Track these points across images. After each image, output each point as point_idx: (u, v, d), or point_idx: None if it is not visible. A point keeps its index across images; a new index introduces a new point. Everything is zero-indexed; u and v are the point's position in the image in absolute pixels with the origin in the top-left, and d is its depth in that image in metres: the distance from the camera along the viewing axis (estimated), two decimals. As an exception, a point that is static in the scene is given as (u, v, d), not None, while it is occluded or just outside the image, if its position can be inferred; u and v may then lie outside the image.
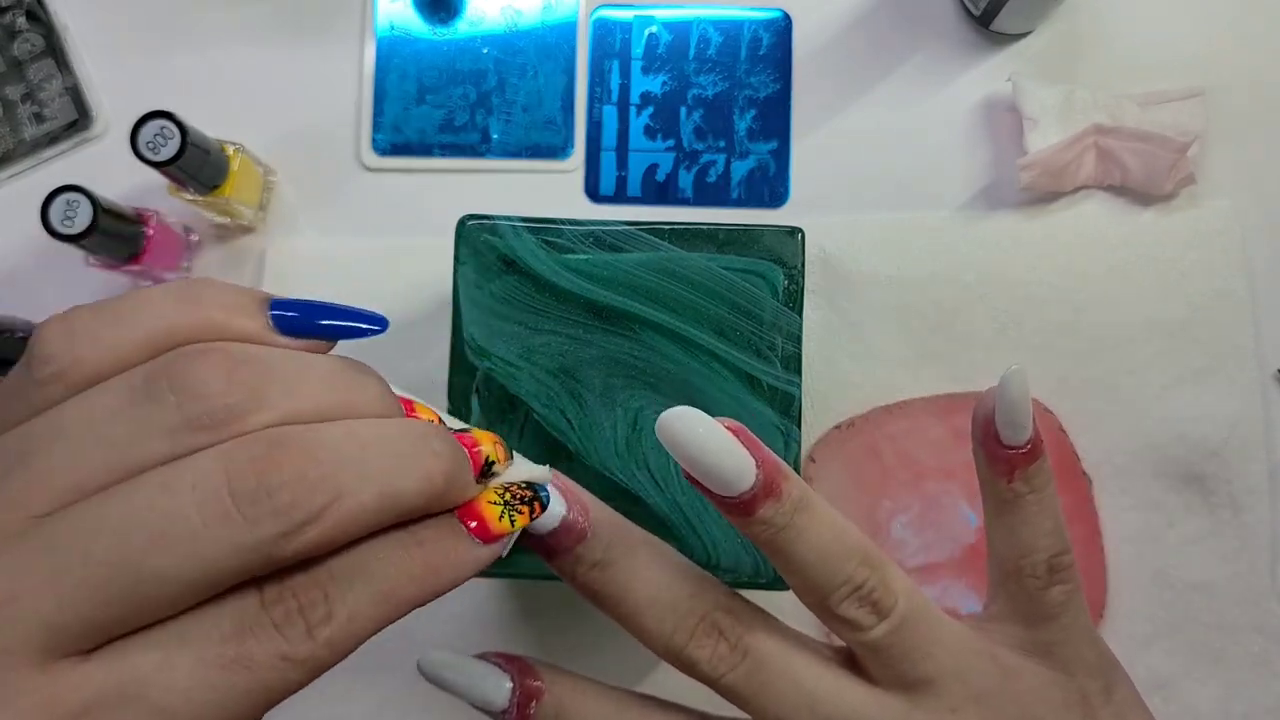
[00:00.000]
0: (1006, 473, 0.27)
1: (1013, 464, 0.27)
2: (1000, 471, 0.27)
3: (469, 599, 0.44)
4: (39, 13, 0.48)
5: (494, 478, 0.22)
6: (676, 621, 0.25)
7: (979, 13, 0.47)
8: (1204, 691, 0.43)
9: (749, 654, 0.25)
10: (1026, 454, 0.27)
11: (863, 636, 0.25)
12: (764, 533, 0.25)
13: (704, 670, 0.25)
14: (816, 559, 0.25)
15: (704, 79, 0.48)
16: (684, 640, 0.25)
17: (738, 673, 0.25)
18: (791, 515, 0.24)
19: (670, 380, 0.34)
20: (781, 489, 0.24)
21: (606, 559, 0.26)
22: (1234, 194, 0.46)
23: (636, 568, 0.26)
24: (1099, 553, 0.43)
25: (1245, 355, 0.44)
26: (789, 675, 0.25)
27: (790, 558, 0.25)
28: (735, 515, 0.24)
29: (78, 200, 0.40)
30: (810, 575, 0.25)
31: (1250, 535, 0.43)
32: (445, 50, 0.48)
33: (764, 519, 0.24)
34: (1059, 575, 0.27)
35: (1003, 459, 0.27)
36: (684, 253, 0.34)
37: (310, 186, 0.48)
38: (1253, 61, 0.47)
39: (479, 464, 0.21)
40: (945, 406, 0.44)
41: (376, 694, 0.44)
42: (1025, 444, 0.27)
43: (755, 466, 0.24)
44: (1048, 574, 0.27)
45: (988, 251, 0.45)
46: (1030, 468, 0.27)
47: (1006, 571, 0.28)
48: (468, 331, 0.34)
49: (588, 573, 0.26)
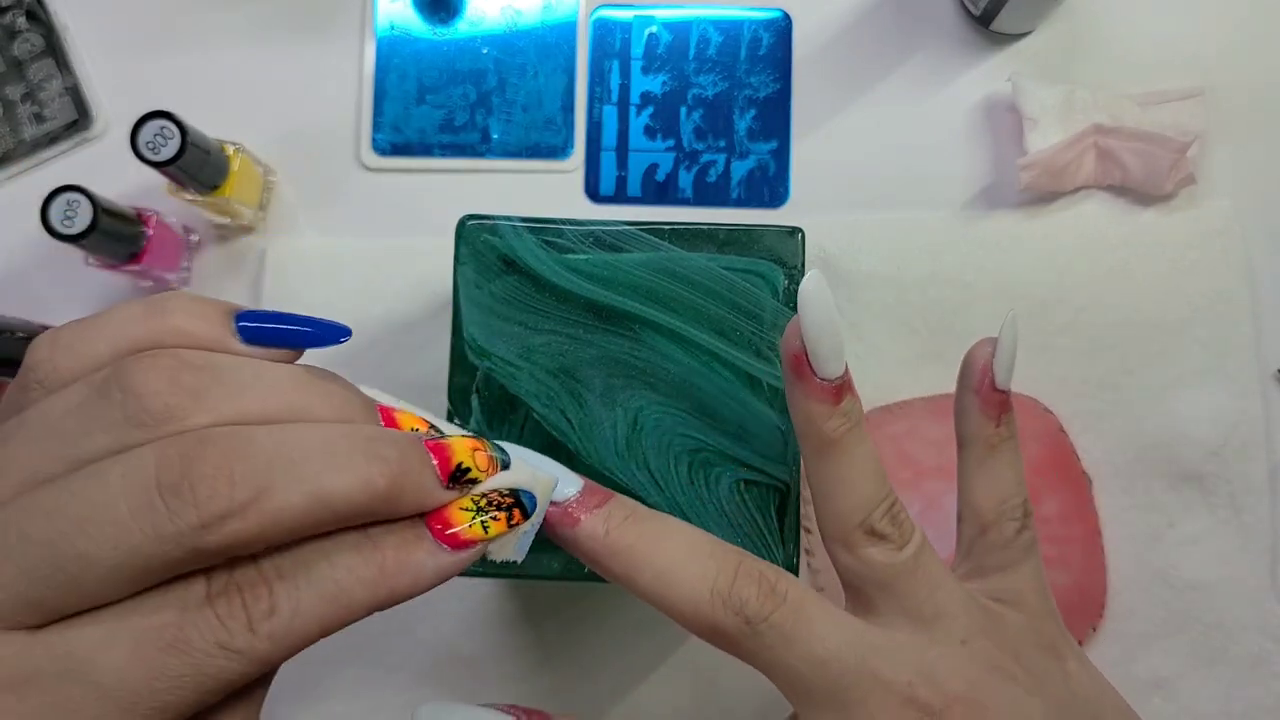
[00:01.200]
0: (996, 416, 0.29)
1: (1002, 407, 0.29)
2: (991, 415, 0.29)
3: (469, 599, 0.44)
4: (39, 13, 0.49)
5: (472, 485, 0.22)
6: (720, 564, 0.25)
7: (979, 13, 0.47)
8: (1204, 691, 0.43)
9: (788, 597, 0.25)
10: (1008, 400, 0.29)
11: (897, 556, 0.26)
12: (841, 426, 0.27)
13: (754, 609, 0.25)
14: (870, 469, 0.27)
15: (704, 79, 0.48)
16: (729, 580, 0.25)
17: (782, 612, 0.25)
18: (856, 422, 0.27)
19: (670, 380, 0.34)
20: (854, 389, 0.27)
21: (637, 514, 0.26)
22: (1234, 194, 0.46)
23: (666, 521, 0.26)
24: (1099, 553, 0.43)
25: (1245, 355, 0.44)
26: (827, 615, 0.26)
27: (851, 463, 0.27)
28: (826, 401, 0.27)
29: (78, 200, 0.40)
30: (862, 487, 0.27)
31: (1250, 535, 0.43)
32: (445, 50, 0.48)
33: (845, 410, 0.27)
34: (1028, 519, 0.29)
35: (996, 402, 0.29)
36: (684, 253, 0.34)
37: (310, 186, 0.48)
38: (1253, 61, 0.47)
39: (448, 470, 0.21)
40: (945, 406, 0.44)
41: (377, 694, 0.44)
42: (1007, 390, 0.29)
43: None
44: (1024, 517, 0.29)
45: (988, 251, 0.45)
46: (1011, 411, 0.29)
47: (984, 523, 0.29)
48: (468, 331, 0.34)
49: (620, 525, 0.26)
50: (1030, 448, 0.44)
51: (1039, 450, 0.44)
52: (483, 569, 0.34)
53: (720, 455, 0.33)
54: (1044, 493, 0.43)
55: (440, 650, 0.44)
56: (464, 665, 0.44)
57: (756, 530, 0.33)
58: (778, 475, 0.34)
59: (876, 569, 0.27)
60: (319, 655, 0.44)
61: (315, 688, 0.44)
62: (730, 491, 0.33)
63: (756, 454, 0.33)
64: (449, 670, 0.44)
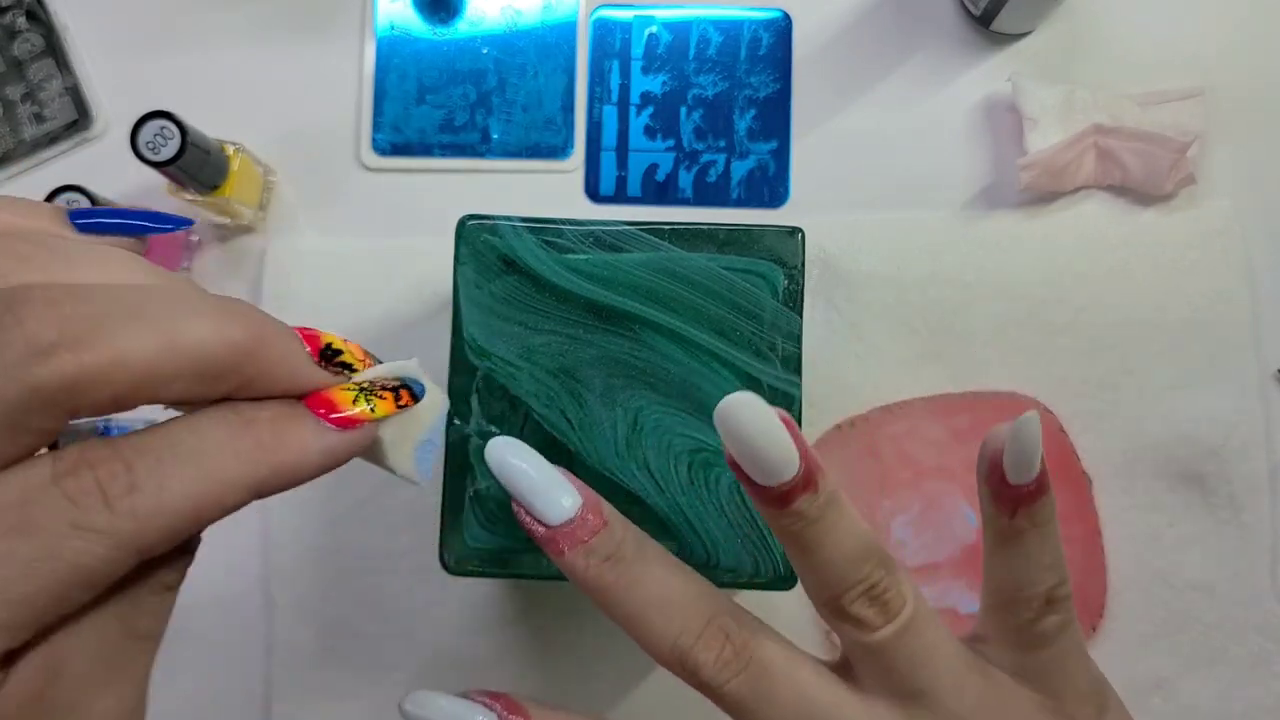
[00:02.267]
0: (1010, 510, 0.26)
1: (1017, 502, 0.26)
2: (1004, 509, 0.27)
3: (469, 599, 0.44)
4: (39, 13, 0.48)
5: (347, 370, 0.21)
6: (684, 622, 0.25)
7: (979, 13, 0.47)
8: (1204, 691, 0.43)
9: (753, 661, 0.25)
10: (1032, 491, 0.26)
11: (870, 637, 0.25)
12: (794, 525, 0.25)
13: (708, 674, 0.25)
14: (839, 556, 0.25)
15: (704, 79, 0.48)
16: (690, 641, 0.25)
17: (742, 679, 0.25)
18: (824, 509, 0.25)
19: (670, 380, 0.34)
20: (818, 482, 0.25)
21: (619, 554, 0.26)
22: (1234, 194, 0.46)
23: (648, 565, 0.26)
24: (1099, 553, 0.43)
25: (1245, 355, 0.44)
26: (792, 684, 0.25)
27: (815, 552, 0.25)
28: (771, 506, 0.25)
29: (77, 200, 0.40)
30: (830, 571, 0.25)
31: (1250, 535, 0.43)
32: (445, 50, 0.48)
33: (798, 510, 0.24)
34: (1054, 606, 0.27)
35: (1008, 497, 0.26)
36: (684, 253, 0.34)
37: (310, 186, 0.48)
38: (1253, 61, 0.47)
39: (316, 347, 0.20)
40: (945, 406, 0.44)
41: (376, 694, 0.44)
42: (1030, 483, 0.26)
43: (799, 457, 0.24)
44: (1043, 606, 0.27)
45: (988, 251, 0.45)
46: (1035, 504, 0.26)
47: (1001, 601, 0.27)
48: (468, 331, 0.34)
49: (599, 565, 0.26)
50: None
51: (1039, 450, 0.44)
52: (482, 569, 0.34)
53: (720, 455, 0.33)
54: (1044, 493, 0.43)
55: (440, 650, 0.44)
56: (464, 665, 0.44)
57: (756, 530, 0.33)
58: (778, 475, 0.34)
59: (854, 645, 0.26)
60: (319, 655, 0.44)
61: (315, 688, 0.44)
62: (730, 491, 0.33)
63: (756, 454, 0.33)
64: (449, 670, 0.44)
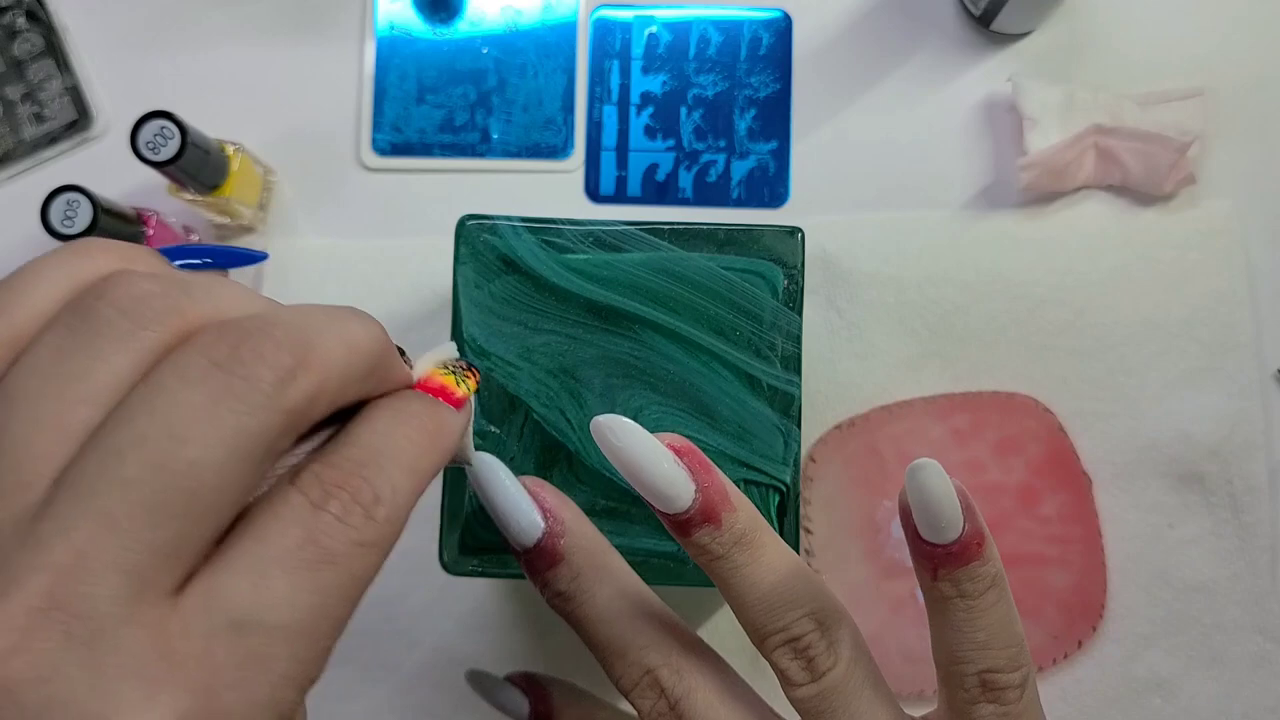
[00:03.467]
0: (930, 571, 0.24)
1: (935, 563, 0.24)
2: (924, 568, 0.25)
3: (469, 599, 0.44)
4: (39, 13, 0.49)
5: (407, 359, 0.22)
6: (624, 670, 0.26)
7: (979, 13, 0.47)
8: (1204, 691, 0.43)
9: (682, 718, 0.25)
10: (954, 554, 0.24)
11: (791, 691, 0.25)
12: (698, 556, 0.25)
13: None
14: (753, 599, 0.24)
15: (704, 79, 0.48)
16: (628, 688, 0.26)
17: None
18: (730, 548, 0.24)
19: (670, 380, 0.34)
20: (721, 519, 0.24)
21: (569, 590, 0.26)
22: (1234, 194, 0.46)
23: (598, 604, 0.26)
24: (1099, 553, 0.43)
25: (1245, 355, 0.44)
26: None
27: (725, 588, 0.25)
28: (672, 531, 0.25)
29: (78, 200, 0.40)
30: (744, 613, 0.25)
31: (1250, 535, 0.43)
32: (445, 50, 0.48)
33: (698, 544, 0.24)
34: (991, 694, 0.24)
35: (924, 555, 0.24)
36: (684, 253, 0.34)
37: (310, 186, 0.48)
38: (1253, 61, 0.47)
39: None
40: (945, 406, 0.44)
41: (376, 694, 0.44)
42: (951, 543, 0.24)
43: (695, 489, 0.24)
44: (979, 689, 0.24)
45: (988, 251, 0.45)
46: (959, 570, 0.24)
47: (941, 674, 0.26)
48: (468, 331, 0.34)
49: (552, 599, 0.27)
50: (1030, 448, 0.44)
51: (1039, 450, 0.44)
52: (482, 569, 0.34)
53: (720, 455, 0.33)
54: (1044, 493, 0.43)
55: (440, 650, 0.44)
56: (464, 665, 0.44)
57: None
58: (777, 475, 0.34)
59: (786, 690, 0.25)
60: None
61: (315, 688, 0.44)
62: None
63: (756, 454, 0.33)
64: (449, 670, 0.44)
